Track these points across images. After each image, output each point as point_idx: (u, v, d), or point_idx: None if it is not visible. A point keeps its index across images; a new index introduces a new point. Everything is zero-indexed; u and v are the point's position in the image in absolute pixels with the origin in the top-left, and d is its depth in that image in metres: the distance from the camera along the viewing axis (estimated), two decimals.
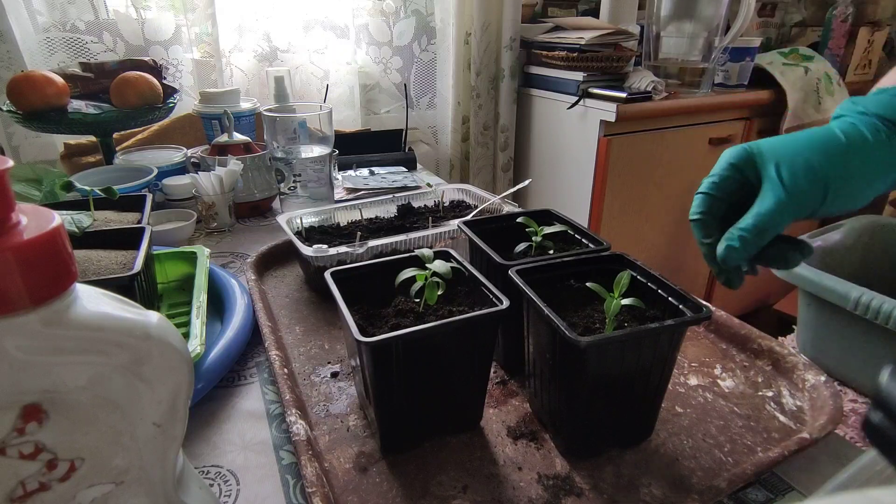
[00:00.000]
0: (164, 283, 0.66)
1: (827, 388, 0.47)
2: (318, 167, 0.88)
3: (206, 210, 0.86)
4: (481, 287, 0.44)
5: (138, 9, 1.20)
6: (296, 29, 1.35)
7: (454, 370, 0.42)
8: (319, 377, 0.52)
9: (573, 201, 1.48)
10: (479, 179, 1.66)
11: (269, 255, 0.75)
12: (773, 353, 0.53)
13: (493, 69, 1.56)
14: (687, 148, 1.46)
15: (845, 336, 0.65)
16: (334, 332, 0.60)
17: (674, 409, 0.48)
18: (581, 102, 1.36)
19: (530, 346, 0.45)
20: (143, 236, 0.51)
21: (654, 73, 1.37)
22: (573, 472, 0.41)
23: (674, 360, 0.41)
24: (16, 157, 1.18)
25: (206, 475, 0.42)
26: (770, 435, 0.45)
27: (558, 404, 0.42)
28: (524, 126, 1.63)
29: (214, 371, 0.50)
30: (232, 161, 0.87)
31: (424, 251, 0.45)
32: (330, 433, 0.45)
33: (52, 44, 1.15)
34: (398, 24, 1.49)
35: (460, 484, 0.40)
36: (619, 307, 0.40)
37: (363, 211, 0.77)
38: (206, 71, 1.29)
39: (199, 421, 0.47)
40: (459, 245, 0.71)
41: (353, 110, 1.46)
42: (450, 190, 0.85)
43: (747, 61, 1.51)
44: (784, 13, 2.03)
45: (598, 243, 0.52)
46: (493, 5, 1.48)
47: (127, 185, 0.81)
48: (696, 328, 0.59)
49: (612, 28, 1.36)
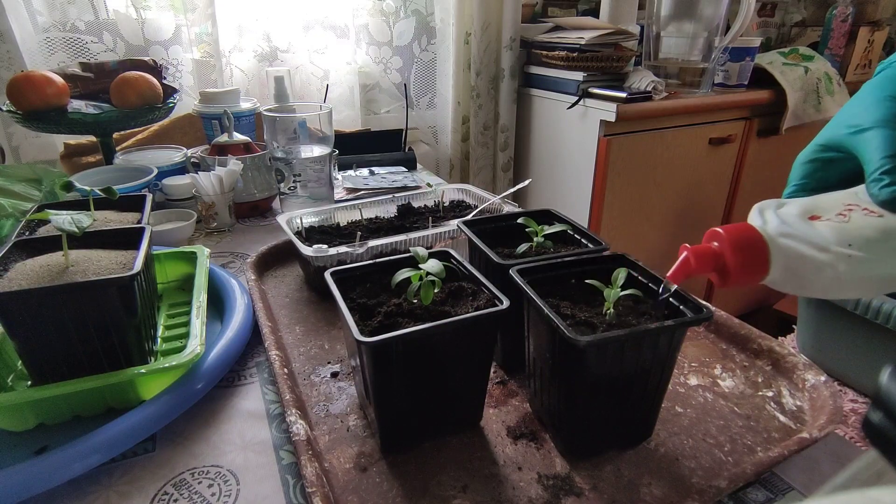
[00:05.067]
0: (164, 283, 0.66)
1: (827, 388, 0.47)
2: (318, 167, 0.88)
3: (206, 210, 0.86)
4: (481, 287, 0.44)
5: (138, 9, 1.20)
6: (296, 29, 1.35)
7: (454, 370, 0.42)
8: (319, 377, 0.52)
9: (573, 201, 1.48)
10: (479, 179, 1.66)
11: (269, 255, 0.75)
12: (773, 353, 0.53)
13: (493, 69, 1.56)
14: (687, 148, 1.46)
15: (845, 336, 0.65)
16: (334, 332, 0.60)
17: (674, 409, 0.48)
18: (581, 102, 1.36)
19: (530, 345, 0.45)
20: (143, 236, 0.51)
21: (654, 73, 1.37)
22: (573, 472, 0.41)
23: (674, 361, 0.41)
24: (16, 157, 1.18)
25: (206, 475, 0.42)
26: (770, 435, 0.45)
27: (558, 404, 0.42)
28: (524, 126, 1.63)
29: (214, 371, 0.49)
30: (232, 161, 0.87)
31: (419, 250, 0.45)
32: (330, 433, 0.45)
33: (52, 44, 1.15)
34: (398, 24, 1.49)
35: (460, 484, 0.40)
36: (618, 295, 0.41)
37: (363, 211, 0.77)
38: (206, 71, 1.29)
39: (199, 421, 0.47)
40: (459, 245, 0.71)
41: (353, 110, 1.46)
42: (450, 190, 0.85)
43: (747, 61, 1.51)
44: (784, 13, 2.03)
45: (597, 243, 0.52)
46: (493, 5, 1.48)
47: (127, 185, 0.81)
48: (696, 328, 0.59)
49: (612, 28, 1.36)
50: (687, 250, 0.35)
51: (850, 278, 0.32)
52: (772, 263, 0.33)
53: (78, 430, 0.43)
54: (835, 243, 0.32)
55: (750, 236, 0.34)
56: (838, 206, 0.34)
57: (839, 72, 1.66)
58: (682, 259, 0.35)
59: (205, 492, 0.40)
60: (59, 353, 0.44)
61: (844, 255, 0.32)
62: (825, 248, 0.32)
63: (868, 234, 0.32)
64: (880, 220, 0.33)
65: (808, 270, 0.33)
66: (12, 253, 0.48)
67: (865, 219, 0.33)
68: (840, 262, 0.32)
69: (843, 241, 0.32)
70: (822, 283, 0.33)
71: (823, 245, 0.32)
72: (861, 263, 0.31)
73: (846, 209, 0.34)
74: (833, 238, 0.32)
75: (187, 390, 0.46)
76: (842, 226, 0.33)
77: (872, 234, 0.32)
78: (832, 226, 0.33)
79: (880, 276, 0.32)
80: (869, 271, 0.32)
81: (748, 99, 1.49)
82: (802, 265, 0.33)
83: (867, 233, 0.32)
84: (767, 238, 0.34)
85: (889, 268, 0.32)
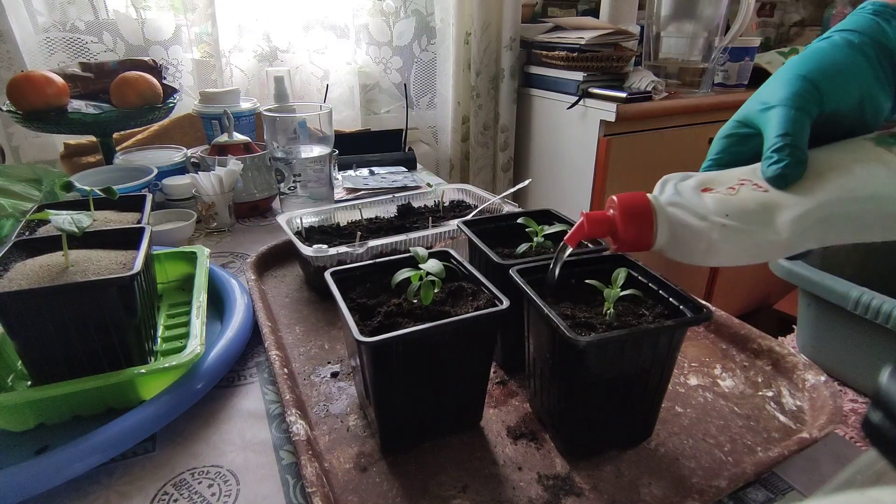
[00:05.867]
0: (164, 283, 0.66)
1: (827, 388, 0.47)
2: (318, 167, 0.88)
3: (206, 210, 0.86)
4: (481, 287, 0.44)
5: (138, 9, 1.20)
6: (296, 29, 1.35)
7: (454, 370, 0.42)
8: (319, 377, 0.52)
9: (573, 201, 1.48)
10: (479, 179, 1.66)
11: (269, 255, 0.75)
12: (773, 353, 0.53)
13: (493, 69, 1.56)
14: (687, 148, 1.46)
15: (845, 336, 0.65)
16: (334, 332, 0.60)
17: (674, 409, 0.48)
18: (581, 102, 1.36)
19: (530, 345, 0.45)
20: (143, 236, 0.51)
21: (654, 73, 1.37)
22: (573, 472, 0.41)
23: (674, 361, 0.41)
24: (16, 157, 1.18)
25: (206, 475, 0.42)
26: (770, 435, 0.45)
27: (558, 404, 0.42)
28: (524, 126, 1.63)
29: (214, 371, 0.49)
30: (232, 161, 0.87)
31: (418, 250, 0.45)
32: (330, 433, 0.45)
33: (52, 44, 1.15)
34: (398, 24, 1.49)
35: (460, 484, 0.40)
36: (618, 295, 0.41)
37: (363, 211, 0.77)
38: (206, 71, 1.29)
39: (199, 421, 0.47)
40: (459, 245, 0.71)
41: (353, 110, 1.46)
42: (450, 190, 0.85)
43: (747, 61, 1.51)
44: (783, 13, 2.03)
45: (597, 243, 0.52)
46: (493, 5, 1.48)
47: (127, 185, 0.81)
48: (696, 328, 0.59)
49: (612, 28, 1.36)
50: (583, 215, 0.38)
51: (722, 246, 0.34)
52: (658, 230, 0.36)
53: (78, 430, 0.43)
54: (713, 213, 0.34)
55: (640, 204, 0.36)
56: (733, 180, 0.36)
57: None
58: (578, 224, 0.38)
59: (205, 492, 0.40)
60: (59, 353, 0.44)
61: (719, 223, 0.34)
62: (704, 217, 0.34)
63: (748, 207, 0.34)
64: (763, 195, 0.35)
65: (688, 237, 0.35)
66: (12, 253, 0.48)
67: (751, 193, 0.35)
68: (714, 230, 0.34)
69: (721, 212, 0.34)
70: (700, 249, 0.35)
71: (703, 214, 0.34)
72: (734, 233, 0.34)
73: (739, 184, 0.36)
74: (714, 208, 0.34)
75: (187, 390, 0.46)
76: (726, 198, 0.35)
77: (751, 207, 0.34)
78: (718, 197, 0.35)
79: (750, 246, 0.34)
80: (741, 241, 0.34)
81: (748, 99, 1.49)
82: (683, 232, 0.35)
83: (747, 205, 0.34)
84: (656, 206, 0.36)
85: (759, 239, 0.34)
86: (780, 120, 0.35)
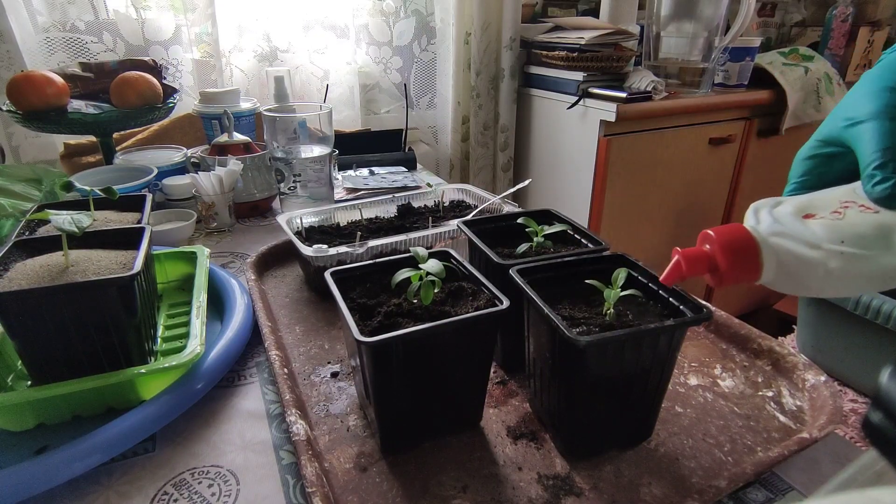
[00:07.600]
0: (164, 283, 0.66)
1: (827, 388, 0.47)
2: (318, 167, 0.88)
3: (206, 210, 0.86)
4: (481, 287, 0.44)
5: (138, 9, 1.20)
6: (296, 29, 1.35)
7: (454, 370, 0.42)
8: (319, 377, 0.52)
9: (573, 201, 1.48)
10: (479, 179, 1.66)
11: (269, 255, 0.75)
12: (773, 353, 0.53)
13: (493, 69, 1.56)
14: (687, 148, 1.46)
15: (845, 336, 0.65)
16: (334, 332, 0.60)
17: (674, 409, 0.48)
18: (581, 102, 1.36)
19: (530, 345, 0.45)
20: (143, 236, 0.51)
21: (654, 73, 1.37)
22: (573, 472, 0.41)
23: (674, 361, 0.41)
24: (16, 157, 1.18)
25: (206, 475, 0.42)
26: (770, 435, 0.45)
27: (558, 404, 0.42)
28: (524, 126, 1.63)
29: (214, 371, 0.49)
30: (232, 161, 0.87)
31: (419, 250, 0.45)
32: (330, 433, 0.45)
33: (52, 44, 1.15)
34: (398, 24, 1.49)
35: (460, 484, 0.40)
36: (618, 295, 0.41)
37: (363, 211, 0.77)
38: (206, 71, 1.29)
39: (199, 421, 0.47)
40: (459, 245, 0.71)
41: (353, 110, 1.46)
42: (450, 190, 0.85)
43: (747, 61, 1.51)
44: (784, 13, 2.03)
45: (597, 243, 0.52)
46: (493, 5, 1.48)
47: (127, 185, 0.81)
48: (696, 328, 0.59)
49: (612, 28, 1.36)
50: (678, 254, 0.35)
51: (842, 275, 0.31)
52: (764, 263, 0.33)
53: (78, 430, 0.43)
54: (826, 241, 0.32)
55: (740, 237, 0.33)
56: (834, 203, 0.34)
57: (839, 72, 1.65)
58: (674, 263, 0.35)
59: (205, 492, 0.40)
60: (59, 353, 0.44)
61: (836, 251, 0.31)
62: (817, 245, 0.32)
63: (862, 231, 0.32)
64: (875, 217, 0.32)
65: (801, 269, 0.32)
66: (12, 253, 0.48)
67: (860, 215, 0.32)
68: (831, 259, 0.31)
69: (836, 239, 0.31)
70: (816, 281, 0.32)
71: (815, 243, 0.32)
72: (854, 260, 0.31)
73: (842, 206, 0.33)
74: (825, 235, 0.32)
75: (187, 390, 0.46)
76: (835, 223, 0.32)
77: (866, 231, 0.32)
78: (825, 223, 0.33)
79: (874, 273, 0.32)
80: (862, 268, 0.31)
81: (748, 99, 1.49)
82: (794, 264, 0.32)
83: (861, 229, 0.32)
84: (759, 238, 0.33)
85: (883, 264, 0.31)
86: (876, 133, 0.34)
